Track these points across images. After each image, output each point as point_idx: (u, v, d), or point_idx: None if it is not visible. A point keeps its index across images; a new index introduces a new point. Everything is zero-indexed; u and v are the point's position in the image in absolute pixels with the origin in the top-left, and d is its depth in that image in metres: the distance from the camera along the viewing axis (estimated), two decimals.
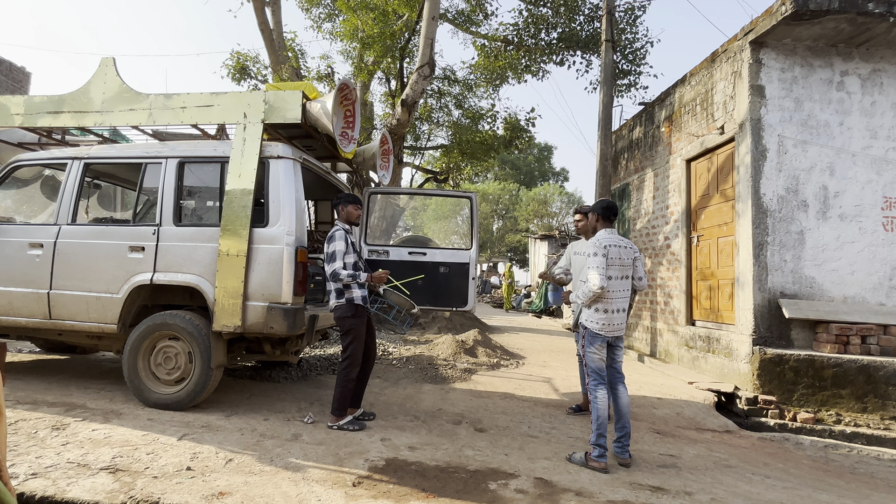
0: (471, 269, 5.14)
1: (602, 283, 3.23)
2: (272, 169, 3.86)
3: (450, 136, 12.80)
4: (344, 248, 3.55)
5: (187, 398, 3.75)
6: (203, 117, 4.07)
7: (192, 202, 4.16)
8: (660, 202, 7.55)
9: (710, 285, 6.18)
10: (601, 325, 3.33)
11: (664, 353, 7.11)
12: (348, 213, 3.73)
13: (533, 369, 6.38)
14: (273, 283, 3.69)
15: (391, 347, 6.91)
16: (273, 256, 3.72)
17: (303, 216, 3.93)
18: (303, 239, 3.86)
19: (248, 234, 3.72)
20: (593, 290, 3.25)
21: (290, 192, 3.83)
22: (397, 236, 20.51)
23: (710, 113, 6.24)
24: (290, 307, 3.67)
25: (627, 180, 8.78)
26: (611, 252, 3.33)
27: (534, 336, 10.11)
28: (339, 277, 3.49)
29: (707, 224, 6.33)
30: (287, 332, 3.67)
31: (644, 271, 3.53)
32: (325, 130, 4.14)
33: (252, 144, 3.85)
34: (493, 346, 7.17)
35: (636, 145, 8.46)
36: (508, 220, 34.49)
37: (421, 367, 5.73)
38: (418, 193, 5.74)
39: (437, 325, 9.36)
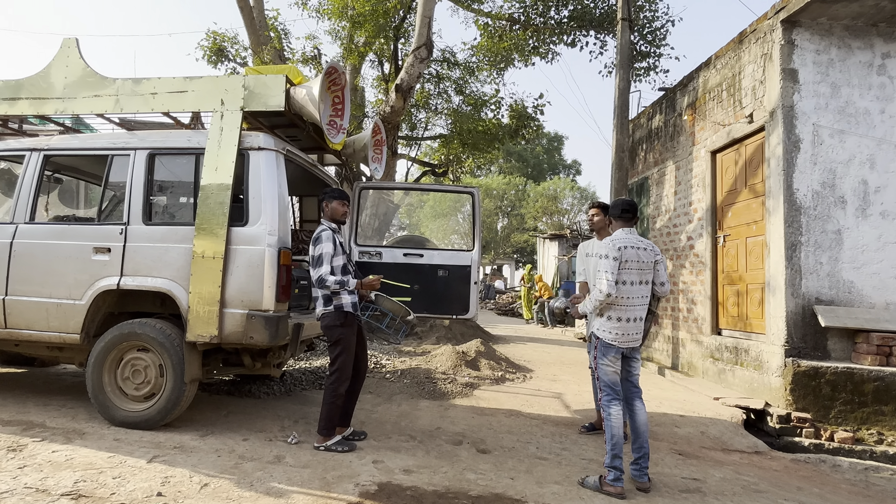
0: (472, 273, 5.13)
1: (610, 289, 3.23)
2: (252, 161, 3.86)
3: (449, 125, 12.82)
4: (331, 249, 3.55)
5: (158, 416, 3.75)
6: (176, 104, 4.06)
7: (163, 198, 4.15)
8: (682, 198, 7.55)
9: (738, 290, 6.19)
10: (615, 334, 3.33)
11: (687, 366, 7.11)
12: (333, 210, 3.73)
13: (542, 384, 6.38)
14: (253, 289, 3.69)
15: (384, 359, 6.91)
16: (253, 259, 3.71)
17: (286, 214, 3.93)
18: (286, 239, 3.86)
19: (225, 234, 3.72)
20: (598, 298, 3.26)
21: (273, 188, 3.83)
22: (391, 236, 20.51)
23: (737, 100, 6.25)
24: (272, 315, 3.67)
25: (646, 174, 8.79)
26: (626, 254, 3.33)
27: (542, 347, 10.10)
28: (325, 284, 3.49)
29: (734, 222, 6.34)
30: (269, 342, 3.67)
31: (666, 276, 3.53)
32: (311, 119, 4.14)
33: (230, 134, 3.85)
34: (498, 358, 7.16)
35: (656, 135, 8.47)
36: (514, 218, 34.52)
37: (417, 382, 5.73)
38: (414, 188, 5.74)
39: (435, 335, 9.35)
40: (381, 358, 6.98)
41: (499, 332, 11.99)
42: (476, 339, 7.77)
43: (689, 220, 7.30)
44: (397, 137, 10.82)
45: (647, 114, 8.90)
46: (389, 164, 10.19)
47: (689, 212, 7.33)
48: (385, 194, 12.14)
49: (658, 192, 8.34)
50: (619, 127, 8.73)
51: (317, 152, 5.31)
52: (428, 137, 14.12)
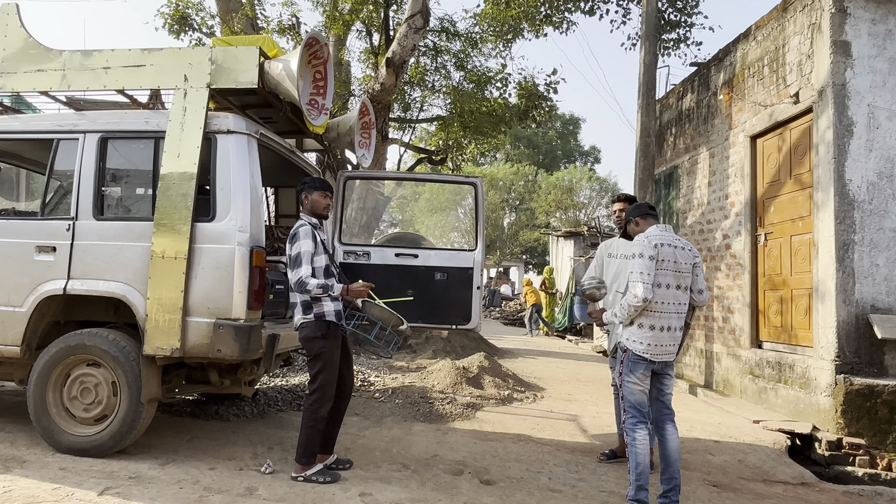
0: (475, 276, 5.13)
1: (647, 293, 3.22)
2: (221, 147, 3.86)
3: (448, 106, 12.81)
4: (311, 248, 3.54)
5: (111, 441, 3.74)
6: (132, 80, 4.06)
7: (117, 189, 4.15)
8: (717, 190, 7.56)
9: (782, 296, 6.20)
10: (647, 345, 3.33)
11: (722, 384, 7.12)
12: (314, 203, 3.72)
13: (555, 404, 6.38)
14: (221, 294, 3.68)
15: (373, 376, 6.90)
16: (221, 259, 3.71)
17: (259, 207, 3.92)
18: (260, 237, 3.86)
19: (189, 231, 3.72)
20: (633, 304, 3.25)
21: (244, 177, 3.82)
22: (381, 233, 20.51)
23: (780, 77, 6.26)
24: (242, 324, 3.66)
25: (675, 162, 8.80)
26: (663, 253, 3.33)
27: (556, 362, 10.10)
28: (305, 287, 3.48)
29: (777, 218, 6.35)
30: (239, 356, 3.66)
31: (704, 282, 3.55)
32: (289, 98, 4.13)
33: (194, 115, 3.85)
34: (504, 375, 7.17)
35: (687, 117, 8.49)
36: (523, 213, 34.56)
37: (411, 402, 5.73)
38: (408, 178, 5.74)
39: (431, 348, 9.35)
40: (368, 374, 6.97)
41: (505, 345, 12.00)
42: (479, 353, 7.77)
43: (725, 215, 7.31)
44: (388, 119, 10.81)
45: (676, 93, 8.91)
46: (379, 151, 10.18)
47: (724, 206, 7.34)
48: (374, 185, 12.14)
49: (689, 184, 8.35)
50: (644, 108, 8.73)
51: (295, 136, 5.30)
52: (424, 120, 14.11)
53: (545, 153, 39.43)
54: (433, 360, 8.25)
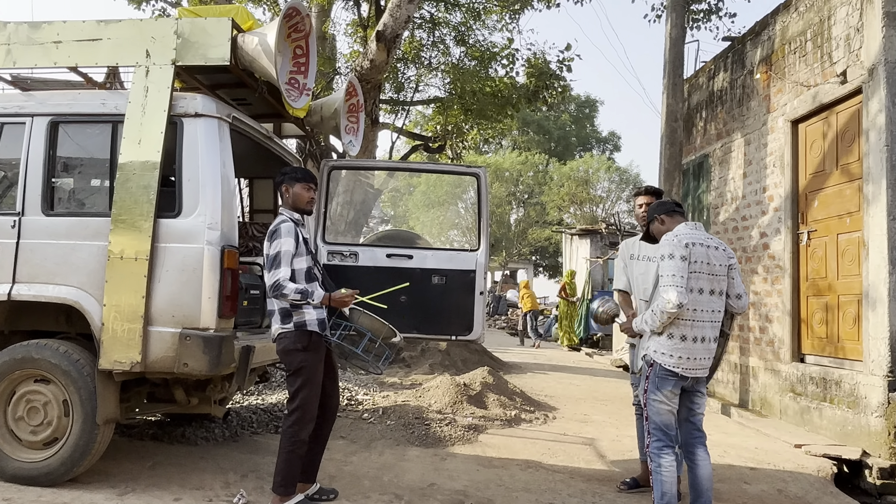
0: (478, 280, 5.13)
1: (681, 298, 3.21)
2: (188, 132, 3.85)
3: (447, 86, 12.81)
4: (292, 247, 3.54)
5: (62, 468, 3.72)
6: (86, 57, 4.04)
7: (69, 181, 4.13)
8: (753, 182, 7.56)
9: (827, 303, 6.20)
10: (677, 357, 3.32)
11: (759, 403, 7.12)
12: (296, 197, 3.72)
13: (568, 426, 6.38)
14: (188, 300, 3.67)
15: (361, 394, 6.89)
16: (188, 260, 3.70)
17: (232, 201, 3.92)
18: (232, 235, 3.85)
19: (151, 228, 3.71)
20: (666, 310, 3.24)
21: (215, 166, 3.82)
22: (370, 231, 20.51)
23: (825, 53, 6.26)
24: (212, 335, 3.65)
25: (706, 150, 8.80)
26: (695, 253, 3.32)
27: (569, 377, 10.10)
28: (283, 292, 3.46)
29: (822, 214, 6.35)
30: (208, 370, 3.65)
31: (743, 285, 3.54)
32: (266, 76, 4.12)
33: (158, 96, 3.84)
34: (511, 393, 7.17)
35: (719, 99, 8.49)
36: (533, 209, 34.59)
37: (405, 423, 5.73)
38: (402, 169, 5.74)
39: (428, 362, 9.35)
40: (356, 392, 6.97)
41: (512, 359, 12.00)
42: (482, 368, 7.77)
43: (763, 210, 7.31)
44: (379, 101, 10.81)
45: (707, 71, 8.90)
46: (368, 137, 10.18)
47: (762, 200, 7.34)
48: (362, 176, 12.13)
49: (722, 175, 8.34)
50: (670, 88, 8.73)
51: (273, 121, 5.29)
52: (419, 102, 14.11)
53: (557, 140, 39.46)
54: (430, 376, 8.24)
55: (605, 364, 12.49)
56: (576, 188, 31.84)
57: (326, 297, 3.54)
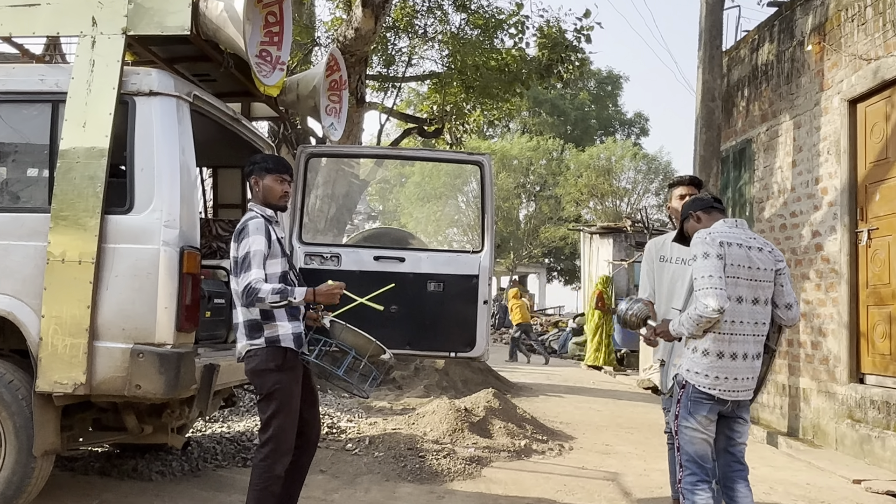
0: (481, 287, 5.13)
1: (722, 301, 3.21)
2: (141, 113, 3.85)
3: (446, 59, 12.81)
4: (264, 247, 3.52)
5: None
6: (22, 25, 4.04)
7: (1, 171, 4.15)
8: (804, 172, 7.57)
9: (890, 314, 6.20)
10: (713, 377, 3.32)
11: (811, 431, 7.11)
12: (268, 190, 3.69)
13: (588, 458, 6.36)
14: (141, 311, 3.67)
15: (344, 420, 6.88)
16: (141, 264, 3.70)
17: (193, 195, 3.91)
18: (192, 234, 3.85)
19: (98, 226, 3.70)
20: (705, 315, 3.24)
21: (173, 154, 3.81)
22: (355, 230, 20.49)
23: (889, 20, 6.27)
24: (170, 351, 3.65)
25: (748, 134, 8.81)
26: (732, 255, 3.32)
27: (589, 401, 10.08)
28: (256, 296, 3.43)
29: (885, 210, 6.36)
30: (165, 393, 3.64)
31: (794, 293, 3.54)
32: (233, 48, 4.12)
33: (106, 71, 3.83)
34: (520, 419, 7.17)
35: (764, 75, 8.49)
36: (546, 203, 34.59)
37: (395, 455, 5.72)
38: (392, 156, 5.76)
39: (422, 383, 9.32)
40: (338, 418, 6.95)
41: (522, 379, 11.99)
42: (486, 390, 7.76)
43: (815, 205, 7.31)
44: (365, 77, 10.80)
45: (750, 42, 8.91)
46: (353, 119, 10.17)
47: (814, 193, 7.34)
48: (346, 165, 12.12)
49: (767, 163, 8.35)
50: (706, 62, 8.73)
51: (241, 100, 5.29)
52: (413, 78, 14.09)
53: (575, 122, 39.48)
54: (425, 400, 8.22)
55: (630, 385, 12.48)
56: (596, 179, 31.85)
57: (311, 292, 3.51)
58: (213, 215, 5.79)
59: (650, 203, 32.67)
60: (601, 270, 19.39)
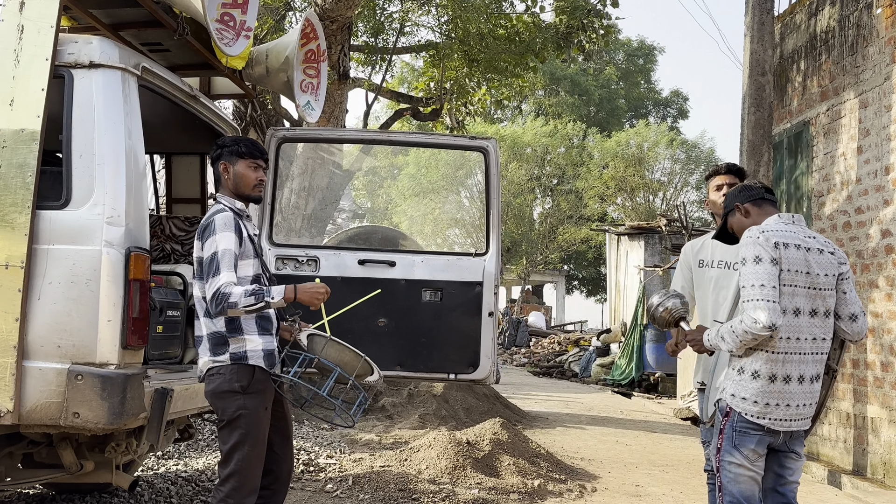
0: (486, 296, 5.14)
1: (774, 318, 3.20)
2: (80, 89, 3.87)
3: (445, 27, 12.84)
4: (234, 246, 3.52)
5: None
6: None
7: None
8: (872, 160, 7.57)
9: None
10: (763, 405, 3.32)
11: (882, 468, 7.10)
12: (238, 178, 3.70)
13: (614, 501, 6.37)
14: (80, 324, 3.68)
15: (323, 456, 6.88)
16: (80, 268, 3.71)
17: (141, 186, 3.93)
18: (141, 233, 3.86)
19: (28, 224, 3.71)
20: (753, 331, 3.24)
21: (117, 138, 3.83)
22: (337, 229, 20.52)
23: None
24: (114, 373, 3.66)
25: (806, 115, 8.81)
26: (789, 259, 3.31)
27: (616, 433, 10.08)
28: (227, 301, 3.41)
29: None
30: (108, 422, 3.64)
31: (860, 303, 3.54)
32: (189, 11, 4.13)
33: (38, 40, 3.83)
34: (533, 455, 7.17)
35: (824, 45, 8.50)
36: (564, 199, 34.62)
37: (384, 498, 5.73)
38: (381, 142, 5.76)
39: (417, 412, 9.32)
40: (316, 453, 6.95)
41: (535, 407, 11.99)
42: (493, 420, 7.77)
43: (886, 199, 7.31)
44: (349, 48, 10.82)
45: (806, 6, 8.92)
46: (334, 98, 10.20)
47: (884, 185, 7.35)
48: (326, 152, 12.13)
49: (828, 150, 8.35)
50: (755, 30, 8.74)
51: (200, 73, 5.31)
52: (406, 49, 14.12)
53: (599, 103, 39.56)
54: (420, 431, 8.22)
55: (666, 415, 12.48)
56: (625, 170, 31.90)
57: (290, 289, 3.50)
58: (167, 211, 5.80)
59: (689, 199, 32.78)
60: (632, 278, 19.41)
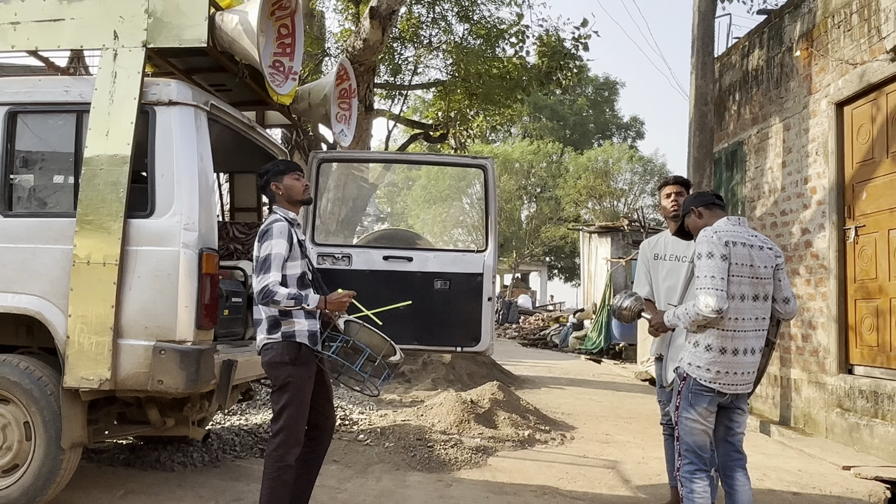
0: (485, 284, 5.14)
1: (721, 303, 3.20)
2: (161, 122, 3.87)
3: (450, 68, 12.82)
4: (285, 250, 3.52)
5: (23, 497, 3.73)
6: (47, 39, 4.06)
7: (29, 177, 4.14)
8: (794, 172, 7.55)
9: (878, 307, 6.18)
10: (715, 371, 3.31)
11: (803, 420, 7.10)
12: (289, 190, 3.66)
13: (588, 447, 6.37)
14: (163, 310, 3.69)
15: (356, 413, 6.89)
16: (162, 265, 3.72)
17: (210, 199, 3.94)
18: (211, 236, 3.86)
19: (121, 230, 3.72)
20: (703, 313, 3.23)
21: (191, 160, 3.83)
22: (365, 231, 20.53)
23: (874, 26, 6.25)
24: (190, 348, 3.67)
25: (740, 137, 8.78)
26: (736, 254, 3.31)
27: (589, 392, 10.08)
28: (272, 298, 3.44)
29: (871, 208, 6.33)
30: (186, 388, 3.66)
31: (791, 288, 3.54)
32: (247, 59, 4.13)
33: (128, 83, 3.85)
34: (524, 410, 7.17)
35: (754, 80, 8.47)
36: (546, 204, 34.56)
37: (405, 445, 5.72)
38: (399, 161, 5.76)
39: (430, 377, 9.33)
40: (351, 410, 6.97)
41: (525, 372, 11.99)
42: (491, 383, 7.77)
43: (805, 204, 7.29)
44: (373, 85, 10.82)
45: (740, 49, 8.89)
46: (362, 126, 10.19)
47: (803, 192, 7.33)
48: (356, 169, 12.15)
49: (758, 164, 8.33)
50: (699, 68, 8.72)
51: (255, 108, 5.31)
52: (418, 86, 14.11)
53: (573, 127, 39.43)
54: (433, 392, 8.24)
55: (628, 377, 12.48)
56: (594, 180, 31.80)
57: (322, 300, 3.52)
58: (230, 218, 5.81)
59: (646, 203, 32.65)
60: (600, 268, 19.38)
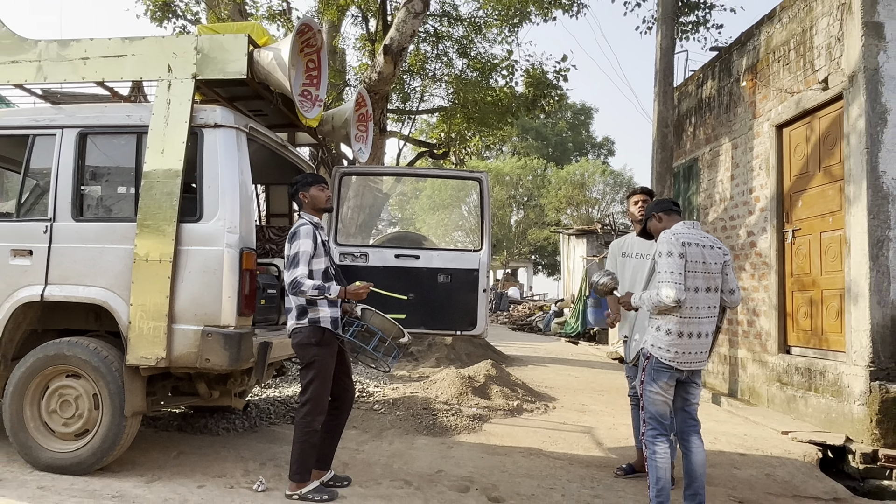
0: (481, 278, 5.14)
1: (679, 294, 3.22)
2: (208, 142, 3.89)
3: (451, 96, 12.81)
4: (310, 248, 3.57)
5: (92, 458, 3.75)
6: (112, 72, 4.08)
7: (97, 188, 4.17)
8: (740, 184, 7.54)
9: (811, 298, 6.18)
10: (674, 352, 3.32)
11: (748, 392, 7.10)
12: (315, 199, 3.75)
13: (567, 415, 6.38)
14: (209, 300, 3.70)
15: (372, 386, 6.91)
16: (209, 262, 3.73)
17: (249, 206, 3.94)
18: (250, 238, 3.88)
19: (174, 232, 3.74)
20: (663, 302, 3.25)
21: (233, 174, 3.85)
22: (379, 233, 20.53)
23: (808, 61, 6.24)
24: (232, 332, 3.68)
25: (695, 154, 8.78)
26: (691, 253, 3.32)
27: (568, 369, 10.09)
28: (300, 289, 3.48)
29: (806, 214, 6.33)
30: (229, 365, 3.68)
31: (736, 281, 3.54)
32: (280, 89, 4.15)
33: (180, 109, 3.87)
34: (513, 384, 7.18)
35: (707, 106, 8.47)
36: (532, 210, 34.52)
37: (413, 414, 5.74)
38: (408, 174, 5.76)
39: (434, 356, 9.36)
40: (367, 384, 6.98)
41: (513, 352, 12.00)
42: (486, 361, 7.78)
43: (750, 210, 7.29)
44: (386, 111, 10.82)
45: (696, 80, 8.89)
46: (376, 145, 10.19)
47: (749, 201, 7.32)
48: (371, 181, 12.15)
49: (711, 177, 8.33)
50: (661, 96, 8.72)
51: (287, 130, 5.32)
52: (424, 111, 14.11)
53: (555, 146, 39.37)
54: (436, 369, 8.26)
55: (601, 356, 12.48)
56: (572, 191, 31.75)
57: (342, 290, 3.57)
58: (266, 223, 5.81)
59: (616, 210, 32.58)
60: (577, 265, 19.36)
